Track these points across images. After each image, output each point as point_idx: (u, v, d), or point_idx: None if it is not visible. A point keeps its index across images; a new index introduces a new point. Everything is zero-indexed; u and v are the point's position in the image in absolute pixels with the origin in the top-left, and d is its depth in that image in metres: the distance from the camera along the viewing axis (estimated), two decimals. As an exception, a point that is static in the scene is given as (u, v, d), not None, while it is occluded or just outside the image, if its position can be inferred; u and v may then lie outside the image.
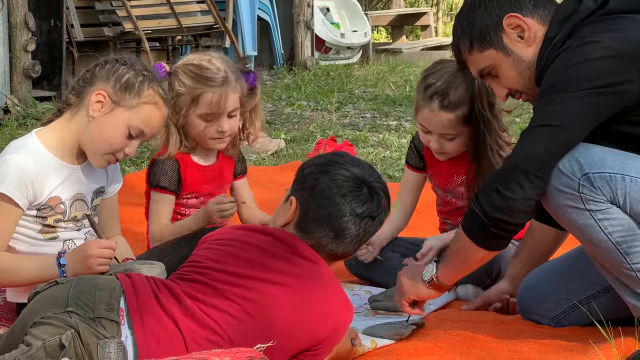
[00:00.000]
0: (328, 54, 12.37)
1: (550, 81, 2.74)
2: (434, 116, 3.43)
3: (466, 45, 2.93)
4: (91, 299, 2.42)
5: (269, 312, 2.51)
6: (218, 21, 10.30)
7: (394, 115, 8.66)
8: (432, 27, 16.06)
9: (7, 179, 2.90)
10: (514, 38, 2.86)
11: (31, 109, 7.82)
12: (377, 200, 2.69)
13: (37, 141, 3.01)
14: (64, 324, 2.37)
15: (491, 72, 2.94)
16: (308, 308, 2.55)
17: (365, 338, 3.00)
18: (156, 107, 3.01)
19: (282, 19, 11.66)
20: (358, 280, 3.80)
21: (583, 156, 2.69)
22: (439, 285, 2.94)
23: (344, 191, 2.65)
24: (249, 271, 2.56)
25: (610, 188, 2.67)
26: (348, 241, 2.67)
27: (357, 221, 2.65)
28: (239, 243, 2.64)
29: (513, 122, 7.99)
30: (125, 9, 9.54)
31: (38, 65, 8.17)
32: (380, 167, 6.32)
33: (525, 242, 3.32)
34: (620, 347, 2.80)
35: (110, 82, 2.98)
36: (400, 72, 11.43)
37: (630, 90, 2.67)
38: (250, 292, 2.52)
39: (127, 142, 2.99)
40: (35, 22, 8.19)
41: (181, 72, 3.45)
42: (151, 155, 6.47)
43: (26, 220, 2.98)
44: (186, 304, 2.49)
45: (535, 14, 2.86)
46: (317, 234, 2.66)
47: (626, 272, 2.74)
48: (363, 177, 2.69)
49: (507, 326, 3.14)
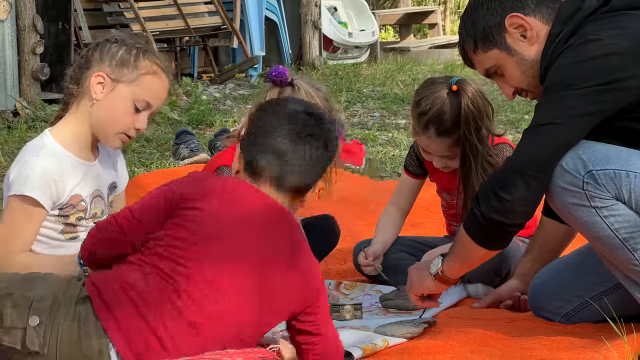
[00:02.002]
0: (336, 53, 12.36)
1: (552, 79, 2.74)
2: (432, 142, 3.47)
3: (471, 46, 2.94)
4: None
5: None
6: (226, 22, 10.30)
7: (402, 114, 8.66)
8: (439, 25, 16.03)
9: (30, 181, 2.91)
10: (516, 37, 2.87)
11: (40, 112, 7.84)
12: (317, 121, 2.60)
13: (53, 140, 3.01)
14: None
15: (497, 72, 2.96)
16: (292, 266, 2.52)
17: (377, 337, 3.00)
18: (156, 76, 3.01)
19: (289, 18, 11.65)
20: (368, 279, 3.80)
21: (586, 153, 2.69)
22: (444, 279, 2.96)
23: (279, 117, 2.59)
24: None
25: (614, 184, 2.66)
26: (298, 166, 2.55)
27: (297, 141, 2.55)
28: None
29: (522, 119, 7.99)
30: (133, 10, 9.55)
31: (46, 67, 8.19)
32: (390, 166, 6.33)
33: (535, 240, 3.32)
34: (632, 343, 2.79)
35: (105, 62, 2.98)
36: (408, 70, 11.42)
37: (633, 86, 2.67)
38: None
39: (136, 117, 2.99)
40: (43, 25, 8.20)
41: (304, 95, 3.37)
42: (160, 157, 6.49)
43: (48, 220, 2.98)
44: (175, 306, 2.39)
45: (537, 13, 2.86)
46: (262, 165, 2.55)
47: (634, 268, 2.73)
48: (302, 107, 2.63)
49: (518, 323, 3.14)
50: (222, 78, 10.35)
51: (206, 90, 9.81)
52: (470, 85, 3.46)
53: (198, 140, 6.63)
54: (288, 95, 3.27)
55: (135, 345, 2.36)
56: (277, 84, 3.39)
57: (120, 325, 2.36)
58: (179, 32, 10.08)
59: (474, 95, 3.44)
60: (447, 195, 3.74)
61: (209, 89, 9.95)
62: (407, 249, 3.76)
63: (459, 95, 3.42)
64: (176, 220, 2.49)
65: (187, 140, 6.48)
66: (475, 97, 3.44)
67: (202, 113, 8.00)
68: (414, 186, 3.82)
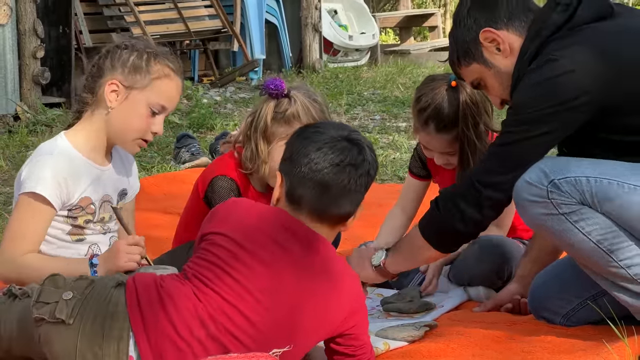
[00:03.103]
0: (336, 56, 12.38)
1: (515, 100, 2.86)
2: (432, 139, 3.48)
3: (456, 61, 3.05)
4: (99, 354, 2.39)
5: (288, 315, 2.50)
6: (226, 25, 10.31)
7: (403, 116, 8.67)
8: (439, 28, 16.05)
9: (42, 179, 2.92)
10: (492, 51, 2.96)
11: (41, 116, 7.85)
12: (358, 149, 2.59)
13: (67, 142, 3.03)
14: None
15: (480, 84, 3.05)
16: (320, 303, 2.53)
17: (378, 340, 3.00)
18: (169, 79, 3.03)
19: (290, 21, 11.67)
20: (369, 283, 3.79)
21: (548, 166, 2.76)
22: (384, 272, 3.13)
23: (319, 145, 2.58)
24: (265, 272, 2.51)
25: (577, 190, 2.72)
26: (338, 196, 2.57)
27: (338, 171, 2.55)
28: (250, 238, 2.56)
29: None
30: (134, 14, 9.56)
31: (47, 71, 8.20)
32: (391, 169, 6.33)
33: (534, 242, 3.34)
34: (633, 345, 2.79)
35: (118, 70, 3.00)
36: (408, 73, 11.44)
37: (588, 101, 2.73)
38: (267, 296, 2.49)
39: (152, 121, 3.01)
40: (43, 29, 8.22)
41: (301, 107, 3.38)
42: (161, 161, 6.50)
43: (56, 220, 3.00)
44: (202, 318, 2.44)
45: (510, 26, 2.94)
46: (304, 197, 2.56)
47: (613, 270, 2.77)
48: (340, 133, 2.62)
49: (519, 326, 3.14)
50: (222, 81, 10.36)
51: (207, 93, 9.82)
52: None
53: (199, 143, 6.64)
54: (325, 120, 3.28)
55: (154, 341, 2.40)
56: (273, 96, 3.39)
57: (144, 316, 2.42)
58: (180, 35, 10.09)
59: (472, 90, 3.45)
60: (449, 196, 3.75)
61: (210, 92, 9.96)
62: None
63: (457, 91, 3.43)
64: (204, 245, 2.57)
65: (188, 144, 6.48)
66: (474, 92, 3.45)
67: (203, 116, 8.01)
68: (419, 188, 3.82)
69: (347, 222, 2.66)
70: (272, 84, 3.39)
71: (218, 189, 3.41)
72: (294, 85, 3.50)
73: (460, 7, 3.04)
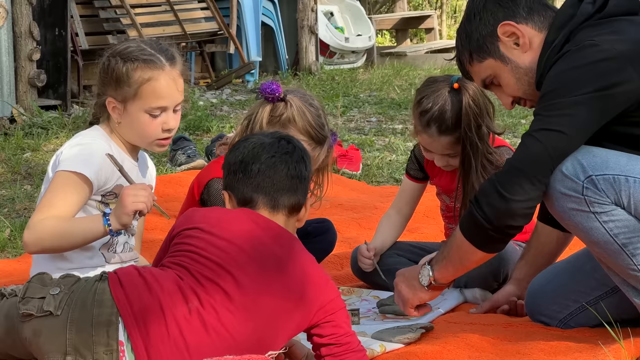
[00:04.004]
0: (333, 58, 12.38)
1: (549, 86, 2.74)
2: (434, 141, 3.47)
3: (466, 58, 2.97)
4: (89, 341, 2.41)
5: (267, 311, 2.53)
6: (222, 27, 10.31)
7: (399, 118, 8.67)
8: (436, 29, 16.06)
9: (83, 160, 2.92)
10: (510, 46, 2.89)
11: (37, 118, 7.84)
12: (286, 140, 2.72)
13: (105, 133, 3.05)
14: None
15: (493, 82, 2.98)
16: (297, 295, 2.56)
17: (374, 342, 3.00)
18: (153, 81, 2.99)
19: (286, 24, 11.67)
20: (365, 285, 3.80)
21: (586, 158, 2.69)
22: (437, 286, 2.96)
23: (249, 148, 2.69)
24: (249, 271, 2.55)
25: (614, 190, 2.67)
26: (283, 186, 2.66)
27: (274, 162, 2.67)
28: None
29: (519, 123, 7.99)
30: (130, 16, 9.55)
31: (43, 74, 8.19)
32: (387, 171, 6.32)
33: (531, 245, 3.33)
34: (630, 347, 2.80)
35: (109, 86, 3.00)
36: (405, 75, 11.43)
37: (629, 90, 2.68)
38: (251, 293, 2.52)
39: (159, 122, 3.01)
40: (39, 31, 8.20)
41: (296, 111, 3.38)
42: (158, 163, 6.49)
43: (89, 205, 2.99)
44: (192, 306, 2.47)
45: (529, 21, 2.88)
46: (254, 198, 2.66)
47: (632, 274, 2.74)
48: (267, 134, 2.76)
49: (515, 328, 3.14)
50: (219, 84, 10.35)
51: (203, 95, 9.82)
52: (472, 84, 3.48)
53: (195, 146, 6.63)
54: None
55: (142, 323, 2.43)
56: (269, 100, 3.39)
57: (130, 299, 2.45)
58: (176, 38, 10.08)
59: (475, 93, 3.45)
60: (446, 198, 3.75)
61: (206, 94, 9.95)
62: (405, 254, 3.76)
63: (460, 93, 3.43)
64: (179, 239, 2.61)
65: (184, 146, 6.48)
66: (477, 95, 3.46)
67: (199, 119, 8.00)
68: (415, 190, 3.82)
69: (299, 215, 2.71)
70: (269, 87, 3.39)
71: (214, 192, 3.41)
72: (290, 89, 3.50)
73: (475, 1, 2.96)
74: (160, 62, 3.01)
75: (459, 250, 2.85)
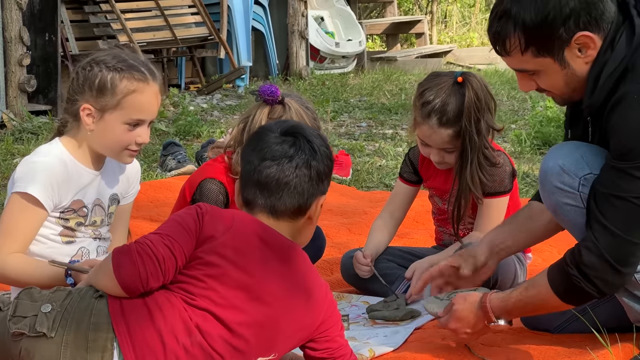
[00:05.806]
0: (323, 63, 12.38)
1: (623, 145, 2.60)
2: (434, 133, 3.47)
3: (520, 45, 2.72)
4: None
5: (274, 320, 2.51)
6: (213, 32, 10.31)
7: (389, 123, 8.68)
8: (426, 34, 16.05)
9: (35, 181, 2.93)
10: (574, 52, 2.70)
11: (27, 124, 7.83)
12: (292, 140, 2.53)
13: (62, 147, 3.05)
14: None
15: (532, 76, 2.80)
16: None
17: (363, 347, 3.00)
18: (138, 93, 2.98)
19: (276, 29, 11.67)
20: (355, 290, 3.80)
21: (587, 157, 2.70)
22: (499, 325, 2.93)
23: (254, 144, 2.56)
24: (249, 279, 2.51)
25: None
26: (278, 191, 2.50)
27: (271, 165, 2.50)
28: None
29: (509, 128, 8.00)
30: (120, 21, 9.55)
31: (33, 79, 8.19)
32: (377, 176, 6.33)
33: (518, 215, 3.22)
34: (618, 353, 2.81)
35: (87, 93, 2.99)
36: (395, 80, 11.44)
37: None
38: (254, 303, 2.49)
39: (133, 134, 3.01)
40: (29, 37, 8.20)
41: (295, 113, 3.39)
42: (148, 169, 6.49)
43: (49, 221, 3.01)
44: (194, 340, 2.42)
45: (601, 31, 2.69)
46: (250, 198, 2.54)
47: None
48: (280, 126, 2.57)
49: (504, 333, 3.15)
50: (209, 89, 10.36)
51: (193, 101, 9.82)
52: (475, 78, 3.49)
53: (185, 151, 6.63)
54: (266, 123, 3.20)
55: (140, 351, 2.38)
56: (269, 102, 3.41)
57: (130, 327, 2.39)
58: (166, 43, 10.09)
59: (477, 87, 3.46)
60: (439, 200, 3.75)
61: (197, 99, 9.95)
62: (395, 259, 3.77)
63: (463, 87, 3.44)
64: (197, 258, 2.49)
65: (175, 151, 6.48)
66: (479, 89, 3.46)
67: (190, 124, 8.00)
68: (408, 193, 3.83)
69: (310, 215, 2.56)
70: (268, 90, 3.41)
71: (206, 192, 3.43)
72: (286, 92, 3.53)
73: None
74: (145, 76, 3.01)
75: (543, 304, 2.80)
